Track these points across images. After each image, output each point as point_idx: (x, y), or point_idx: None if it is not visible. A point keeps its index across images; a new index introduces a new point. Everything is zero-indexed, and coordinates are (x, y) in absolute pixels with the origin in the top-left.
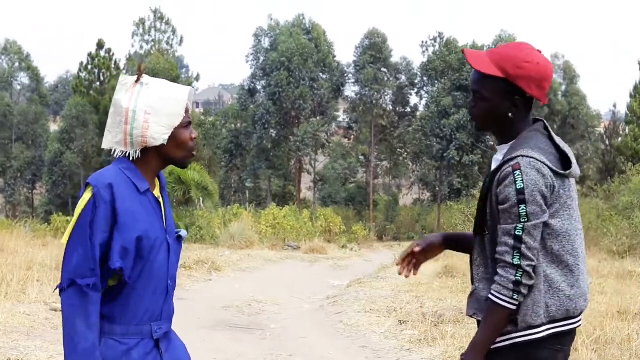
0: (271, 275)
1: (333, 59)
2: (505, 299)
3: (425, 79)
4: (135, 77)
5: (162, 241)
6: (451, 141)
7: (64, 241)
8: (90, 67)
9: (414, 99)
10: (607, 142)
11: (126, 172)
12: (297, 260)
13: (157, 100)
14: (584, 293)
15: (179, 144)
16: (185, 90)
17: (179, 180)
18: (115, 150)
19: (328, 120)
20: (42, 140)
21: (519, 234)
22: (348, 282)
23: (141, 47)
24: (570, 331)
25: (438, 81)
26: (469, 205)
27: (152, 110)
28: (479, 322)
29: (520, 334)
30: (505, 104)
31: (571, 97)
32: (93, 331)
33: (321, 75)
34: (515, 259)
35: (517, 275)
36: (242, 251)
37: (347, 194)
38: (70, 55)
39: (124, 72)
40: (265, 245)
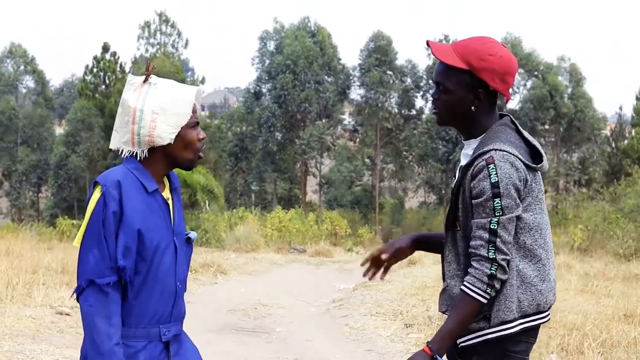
0: (277, 278)
1: (338, 61)
2: (478, 291)
3: (430, 81)
4: (143, 77)
5: (168, 243)
6: (457, 144)
7: (76, 243)
8: (95, 70)
9: (419, 102)
10: (613, 145)
11: (134, 172)
12: (302, 264)
13: (164, 100)
14: (553, 287)
15: (186, 144)
16: (192, 90)
17: (184, 184)
18: (122, 150)
19: (333, 123)
20: (48, 143)
21: (494, 227)
22: (354, 285)
23: (146, 50)
24: (539, 325)
25: None
26: None
27: (160, 110)
28: None
29: (493, 329)
30: (468, 97)
31: (577, 100)
32: (116, 330)
33: (326, 78)
34: (490, 253)
35: (492, 268)
36: (247, 254)
37: (352, 197)
38: (75, 58)
39: (130, 75)
40: (271, 249)
